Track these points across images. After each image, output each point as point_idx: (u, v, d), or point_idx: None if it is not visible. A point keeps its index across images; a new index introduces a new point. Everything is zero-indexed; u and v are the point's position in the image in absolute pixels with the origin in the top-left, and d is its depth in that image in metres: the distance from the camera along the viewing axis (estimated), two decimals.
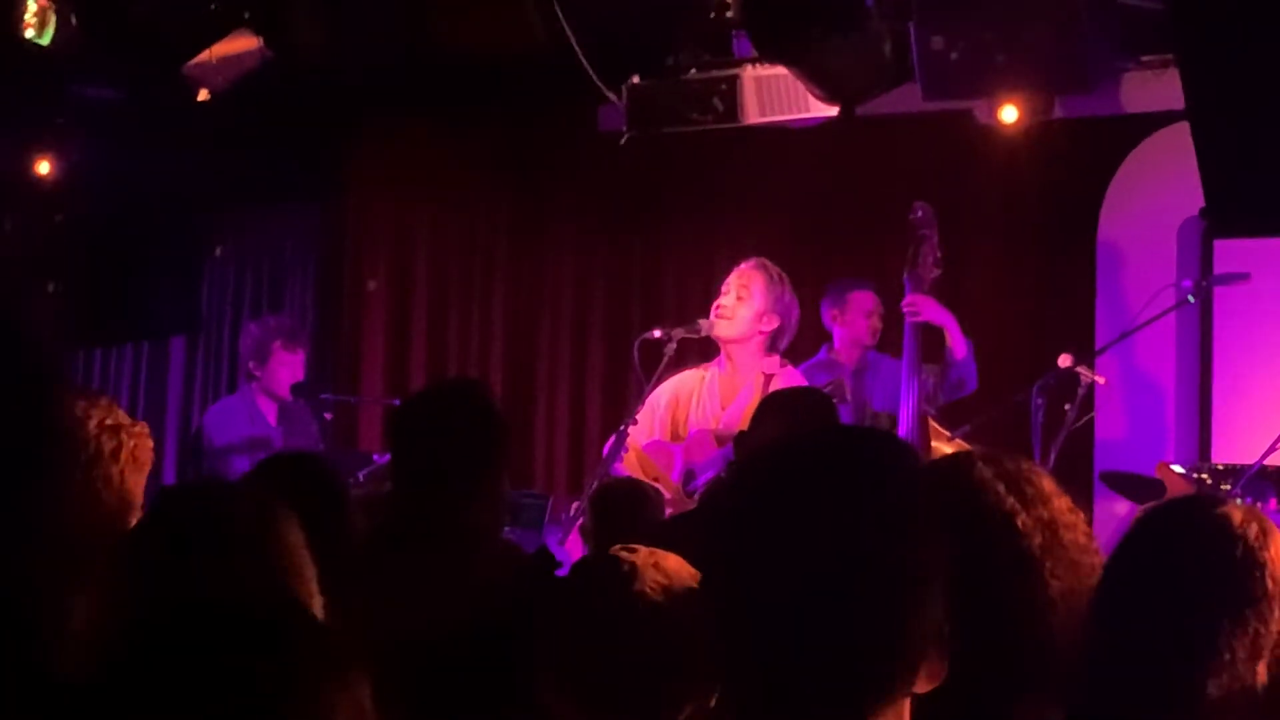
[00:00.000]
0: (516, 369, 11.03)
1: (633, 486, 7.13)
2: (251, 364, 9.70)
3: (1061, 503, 3.15)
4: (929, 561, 2.34)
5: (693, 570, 3.19)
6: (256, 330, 9.89)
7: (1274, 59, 5.79)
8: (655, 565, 3.24)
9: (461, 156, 10.86)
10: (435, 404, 4.82)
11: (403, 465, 4.68)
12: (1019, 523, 2.97)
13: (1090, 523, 3.32)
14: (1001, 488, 3.02)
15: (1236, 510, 3.02)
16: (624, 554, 3.26)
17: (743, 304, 8.32)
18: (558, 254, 10.96)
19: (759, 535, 2.34)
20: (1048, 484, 3.17)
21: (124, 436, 3.26)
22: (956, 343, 8.36)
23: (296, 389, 9.58)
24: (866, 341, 8.77)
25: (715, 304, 8.41)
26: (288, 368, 9.62)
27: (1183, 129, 8.31)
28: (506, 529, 8.09)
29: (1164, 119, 8.75)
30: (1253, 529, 2.98)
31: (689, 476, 8.15)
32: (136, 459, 3.30)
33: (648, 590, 3.19)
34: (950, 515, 2.39)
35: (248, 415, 9.65)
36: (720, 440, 8.14)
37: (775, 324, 8.32)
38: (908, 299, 8.19)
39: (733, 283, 8.38)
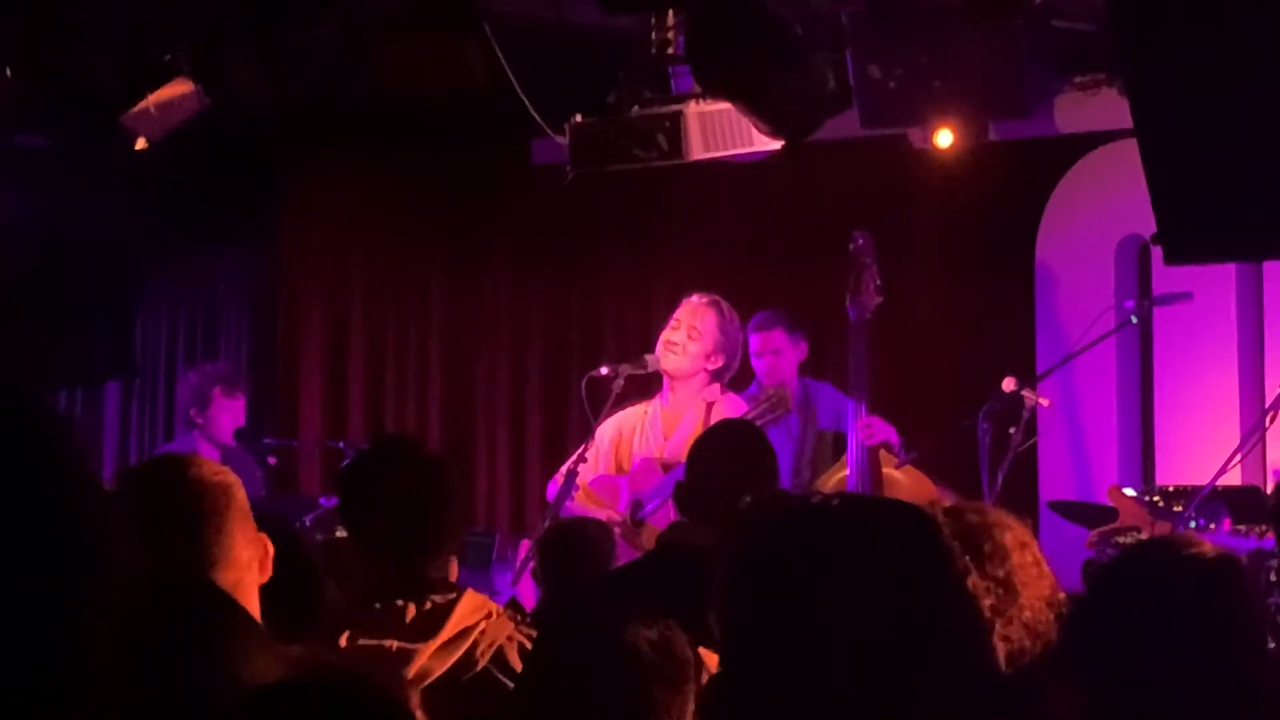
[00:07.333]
0: (455, 406, 10.97)
1: (580, 529, 7.06)
2: (192, 411, 9.64)
3: (1024, 556, 3.13)
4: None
5: None
6: (195, 378, 9.84)
7: (1221, 81, 5.82)
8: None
9: (394, 194, 10.83)
10: (384, 468, 4.69)
11: (367, 530, 4.56)
12: (969, 584, 2.95)
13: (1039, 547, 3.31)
14: (957, 546, 3.00)
15: (1209, 550, 2.97)
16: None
17: (693, 342, 8.31)
18: (494, 289, 10.90)
19: (756, 610, 2.33)
20: (1012, 537, 3.14)
21: None
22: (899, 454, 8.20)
23: (239, 435, 9.53)
24: (763, 382, 8.60)
25: (663, 338, 8.39)
26: (229, 413, 9.57)
27: (1118, 148, 8.36)
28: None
29: (1099, 139, 8.80)
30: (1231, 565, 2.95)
31: (636, 506, 8.13)
32: None
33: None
34: (907, 575, 2.38)
35: None
36: (666, 467, 8.12)
37: (721, 362, 8.33)
38: (864, 420, 7.98)
39: (683, 318, 8.35)
